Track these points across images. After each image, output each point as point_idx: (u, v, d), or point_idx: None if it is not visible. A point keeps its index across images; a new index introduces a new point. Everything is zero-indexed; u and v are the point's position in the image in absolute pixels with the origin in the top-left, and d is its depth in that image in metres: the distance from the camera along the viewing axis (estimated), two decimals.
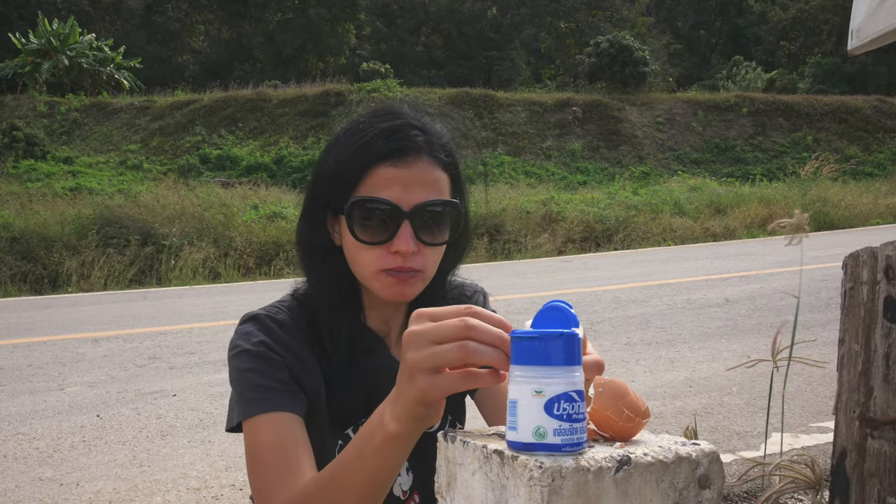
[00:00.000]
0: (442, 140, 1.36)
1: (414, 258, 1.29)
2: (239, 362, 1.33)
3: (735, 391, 4.64)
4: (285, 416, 1.27)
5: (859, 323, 0.94)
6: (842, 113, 26.13)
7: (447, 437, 1.05)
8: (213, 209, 13.97)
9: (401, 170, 1.29)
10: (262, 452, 1.24)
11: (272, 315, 1.38)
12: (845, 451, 0.96)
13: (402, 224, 1.27)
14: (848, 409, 0.96)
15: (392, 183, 1.28)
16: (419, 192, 1.28)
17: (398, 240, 1.26)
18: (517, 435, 0.90)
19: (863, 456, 0.92)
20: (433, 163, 1.32)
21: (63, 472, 3.63)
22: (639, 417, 0.98)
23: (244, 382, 1.31)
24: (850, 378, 0.96)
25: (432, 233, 1.30)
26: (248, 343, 1.33)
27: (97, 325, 7.58)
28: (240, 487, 3.38)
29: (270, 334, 1.34)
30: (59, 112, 23.08)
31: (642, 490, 0.89)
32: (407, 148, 1.30)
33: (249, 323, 1.37)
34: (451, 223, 1.33)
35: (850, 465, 0.94)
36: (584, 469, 0.86)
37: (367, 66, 32.24)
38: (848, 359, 0.97)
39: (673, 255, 12.59)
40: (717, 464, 0.98)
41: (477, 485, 0.95)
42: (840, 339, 1.00)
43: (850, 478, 0.94)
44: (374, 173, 1.29)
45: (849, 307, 0.98)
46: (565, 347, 0.90)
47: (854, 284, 0.96)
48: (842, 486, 0.96)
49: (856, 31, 1.47)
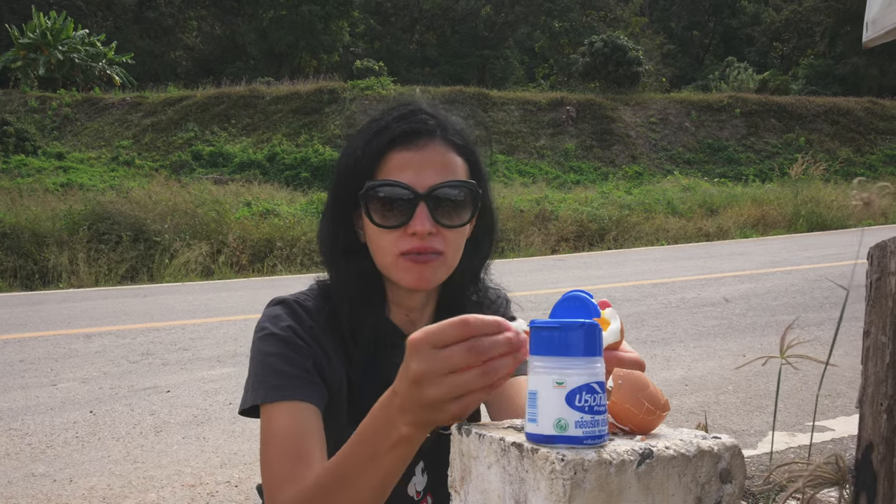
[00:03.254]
0: (457, 126, 1.36)
1: (432, 239, 1.27)
2: (265, 345, 1.31)
3: (731, 389, 4.63)
4: (303, 407, 1.25)
5: (887, 314, 0.92)
6: (834, 114, 26.23)
7: (462, 430, 1.03)
8: (206, 206, 13.89)
9: (414, 153, 1.28)
10: (276, 440, 1.22)
11: (301, 301, 1.37)
12: (871, 445, 0.94)
13: (418, 206, 1.26)
14: (875, 402, 0.94)
15: (406, 166, 1.28)
16: (433, 174, 1.28)
17: (414, 221, 1.26)
18: (537, 427, 0.88)
19: (891, 450, 0.90)
20: (447, 146, 1.31)
21: (56, 469, 3.58)
22: (659, 410, 0.96)
23: (268, 366, 1.29)
24: (876, 370, 0.94)
25: (449, 214, 1.29)
26: (276, 327, 1.31)
27: (89, 321, 7.52)
28: (235, 484, 3.35)
29: (299, 320, 1.33)
30: (51, 107, 22.95)
31: (664, 484, 0.87)
32: (418, 131, 1.30)
33: (279, 306, 1.36)
34: (469, 205, 1.31)
35: (877, 459, 0.92)
36: (607, 462, 0.84)
37: (361, 63, 32.24)
38: (874, 350, 0.95)
39: (666, 254, 12.59)
40: (738, 458, 0.96)
41: (493, 478, 0.93)
42: (865, 332, 0.97)
43: (877, 472, 0.92)
44: (388, 159, 1.29)
45: (875, 298, 0.96)
46: (586, 337, 0.88)
47: (881, 275, 0.93)
48: (868, 481, 0.93)
49: (871, 23, 1.44)
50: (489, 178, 1.45)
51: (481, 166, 1.39)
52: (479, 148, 1.40)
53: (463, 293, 1.44)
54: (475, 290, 1.47)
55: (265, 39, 36.91)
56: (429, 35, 43.58)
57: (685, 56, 45.51)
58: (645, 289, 8.44)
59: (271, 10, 37.14)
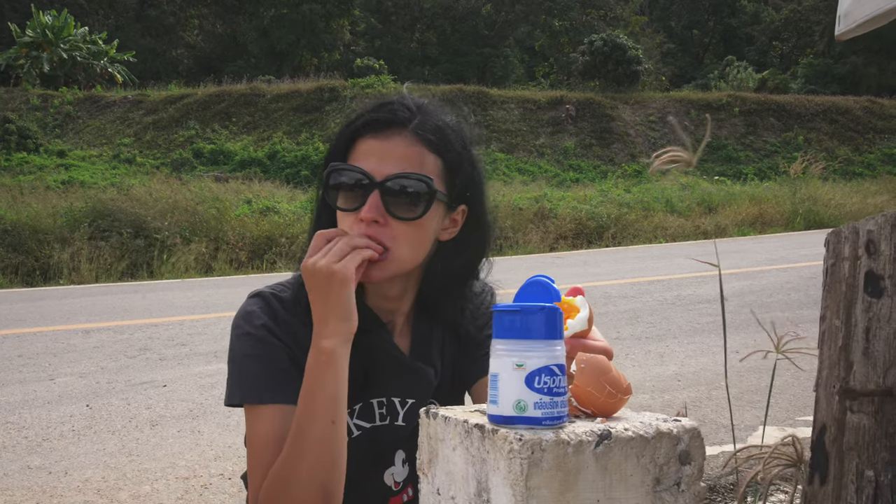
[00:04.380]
0: (439, 124, 1.35)
1: (381, 230, 1.28)
2: (241, 345, 1.35)
3: (723, 385, 4.65)
4: (285, 410, 1.29)
5: (840, 298, 0.95)
6: (833, 113, 26.21)
7: (429, 413, 1.06)
8: (206, 203, 13.92)
9: (380, 142, 1.31)
10: (260, 446, 1.29)
11: (277, 293, 1.40)
12: (825, 427, 0.97)
13: (371, 193, 1.28)
14: (828, 384, 0.97)
15: (370, 154, 1.30)
16: (394, 164, 1.29)
17: (364, 207, 1.28)
18: (498, 408, 0.91)
19: (842, 430, 0.93)
20: (415, 139, 1.32)
21: (52, 461, 3.62)
22: (620, 393, 0.98)
23: (245, 368, 1.33)
24: (830, 354, 0.97)
25: (403, 206, 1.29)
26: (251, 325, 1.35)
27: (88, 317, 7.56)
28: (228, 476, 3.38)
29: (273, 315, 1.36)
30: (53, 105, 22.96)
31: (622, 464, 0.90)
32: (388, 121, 1.32)
33: (254, 300, 1.39)
34: (424, 200, 1.30)
35: (829, 440, 0.95)
36: (564, 442, 0.87)
37: (361, 62, 32.24)
38: (829, 335, 0.98)
39: (664, 252, 12.61)
40: (697, 440, 0.98)
41: (458, 460, 0.96)
42: (821, 316, 1.01)
43: (829, 452, 0.95)
44: (357, 146, 1.33)
45: (830, 283, 0.99)
46: (546, 321, 0.91)
47: (836, 261, 0.97)
48: (821, 461, 0.96)
49: (843, 16, 1.47)
50: (484, 181, 1.44)
51: (464, 167, 1.37)
52: (468, 151, 1.38)
53: (445, 293, 1.43)
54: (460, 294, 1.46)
55: (266, 38, 36.90)
56: (429, 33, 43.55)
57: (685, 55, 45.47)
58: (641, 286, 8.47)
59: (272, 9, 37.13)
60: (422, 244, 1.34)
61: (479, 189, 1.42)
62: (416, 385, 1.45)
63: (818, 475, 0.97)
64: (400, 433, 1.44)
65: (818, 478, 0.97)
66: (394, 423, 1.43)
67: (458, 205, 1.39)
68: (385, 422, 1.43)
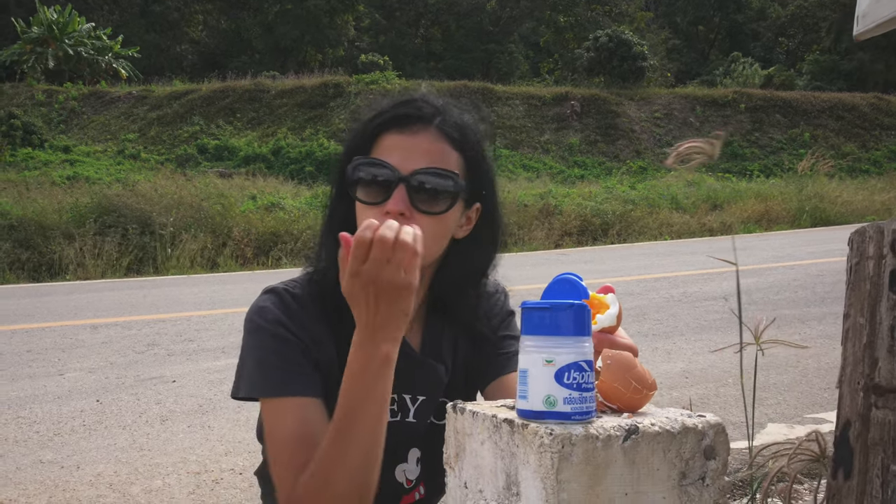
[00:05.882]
0: (459, 121, 1.37)
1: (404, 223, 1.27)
2: (254, 339, 1.35)
3: (731, 382, 4.66)
4: (306, 402, 1.30)
5: (864, 296, 0.96)
6: (839, 110, 26.16)
7: (456, 408, 1.07)
8: (211, 199, 13.95)
9: (405, 137, 1.32)
10: (289, 441, 1.27)
11: (290, 289, 1.40)
12: (849, 422, 0.98)
13: (397, 187, 1.29)
14: (852, 381, 0.98)
15: (395, 148, 1.32)
16: (419, 159, 1.30)
17: (390, 201, 1.28)
18: (527, 403, 0.92)
19: (867, 426, 0.94)
20: (440, 135, 1.34)
21: (64, 455, 3.64)
22: (646, 389, 1.00)
23: (263, 362, 1.34)
24: (854, 351, 0.98)
25: (427, 201, 1.30)
26: (264, 320, 1.35)
27: (95, 312, 7.58)
28: (239, 472, 3.40)
29: (286, 310, 1.36)
30: (58, 101, 23.02)
31: (649, 459, 0.91)
32: (413, 116, 1.33)
33: (267, 296, 1.40)
34: (449, 196, 1.32)
35: (853, 436, 0.96)
36: (594, 437, 0.88)
37: (366, 57, 32.24)
38: (853, 332, 0.99)
39: (670, 249, 12.61)
40: (722, 435, 1.00)
41: (486, 454, 0.97)
42: (845, 314, 1.02)
43: (853, 447, 0.96)
44: (381, 140, 1.33)
45: (854, 282, 1.00)
46: (575, 318, 0.92)
47: (860, 259, 0.98)
48: (845, 457, 0.98)
49: (861, 17, 1.47)
50: (496, 180, 1.46)
51: (482, 165, 1.40)
52: (485, 150, 1.41)
53: (458, 291, 1.44)
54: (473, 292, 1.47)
55: (270, 34, 36.94)
56: (434, 29, 43.55)
57: (690, 51, 45.40)
58: (647, 283, 8.47)
59: (276, 5, 37.15)
60: (442, 239, 1.36)
61: (492, 188, 1.44)
62: (426, 382, 1.46)
63: (842, 470, 0.98)
64: (412, 430, 1.45)
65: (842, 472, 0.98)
66: (405, 419, 1.44)
67: (474, 202, 1.40)
68: (396, 418, 1.43)
